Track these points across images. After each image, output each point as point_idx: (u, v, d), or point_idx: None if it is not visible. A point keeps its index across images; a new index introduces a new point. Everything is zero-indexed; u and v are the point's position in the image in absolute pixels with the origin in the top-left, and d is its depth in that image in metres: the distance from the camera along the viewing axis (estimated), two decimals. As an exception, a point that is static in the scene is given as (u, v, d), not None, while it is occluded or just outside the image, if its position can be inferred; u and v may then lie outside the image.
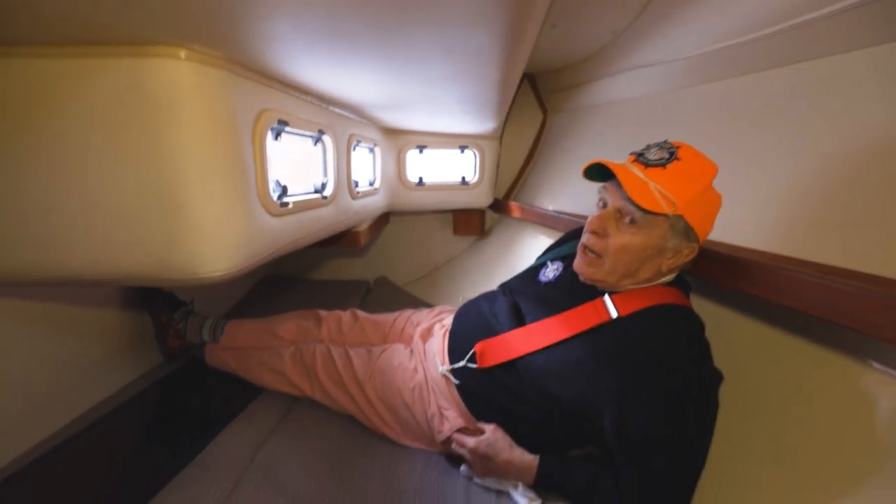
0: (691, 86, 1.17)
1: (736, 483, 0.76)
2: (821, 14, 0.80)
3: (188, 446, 0.94)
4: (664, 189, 0.70)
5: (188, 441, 0.97)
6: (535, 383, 0.83)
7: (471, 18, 0.55)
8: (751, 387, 0.80)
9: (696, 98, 1.16)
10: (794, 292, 0.67)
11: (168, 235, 0.64)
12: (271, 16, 0.54)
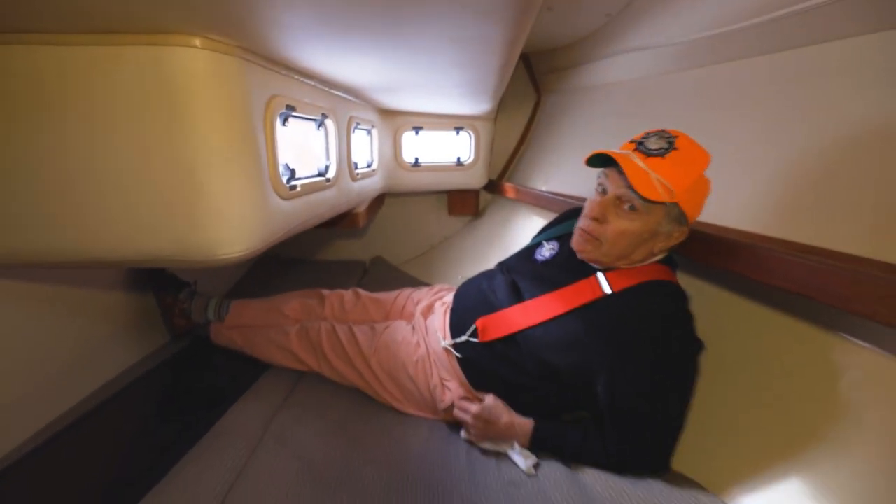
0: (680, 70, 1.21)
1: (714, 440, 0.84)
2: (801, 7, 0.84)
3: (199, 421, 0.98)
4: (664, 179, 0.75)
5: (198, 417, 1.02)
6: (534, 355, 0.89)
7: (479, 9, 0.58)
8: (731, 355, 0.87)
9: (684, 83, 1.20)
10: (772, 270, 0.73)
11: (189, 218, 0.67)
12: (283, 5, 0.56)
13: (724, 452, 0.83)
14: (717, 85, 1.11)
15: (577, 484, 0.81)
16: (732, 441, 0.83)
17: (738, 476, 0.79)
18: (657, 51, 1.27)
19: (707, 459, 0.83)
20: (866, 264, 0.71)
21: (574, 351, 0.83)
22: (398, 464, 0.89)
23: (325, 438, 0.96)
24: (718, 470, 0.81)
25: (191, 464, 0.86)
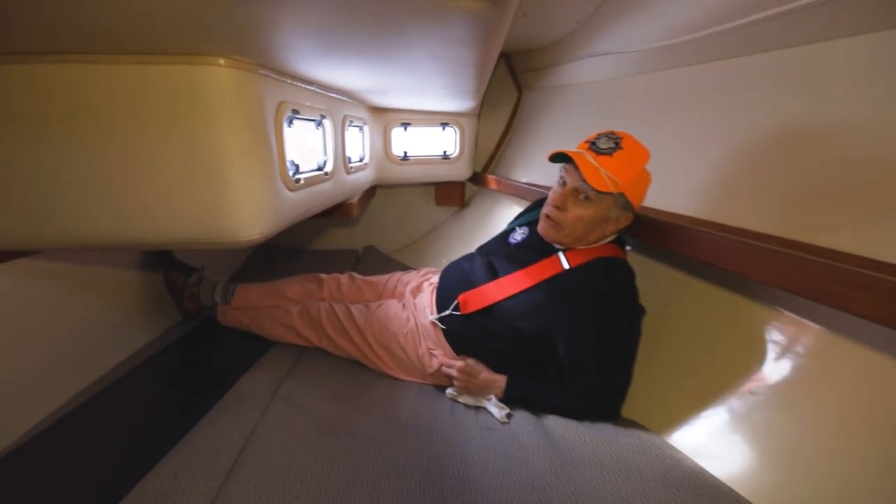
0: (638, 74, 1.37)
1: (655, 390, 1.01)
2: (736, 24, 0.99)
3: (212, 390, 1.10)
4: (611, 173, 0.91)
5: (211, 386, 1.14)
6: (507, 322, 1.05)
7: (454, 37, 0.72)
8: (670, 319, 1.04)
9: (641, 85, 1.36)
10: (699, 247, 0.90)
11: (216, 208, 0.80)
12: (293, 33, 0.70)
13: (663, 400, 1.00)
14: (668, 88, 1.26)
15: (541, 428, 0.97)
16: (669, 390, 1.00)
17: (673, 418, 0.95)
18: (619, 56, 1.42)
19: (650, 406, 1.00)
20: (774, 241, 0.88)
21: (539, 317, 0.99)
22: (392, 416, 1.04)
23: (327, 399, 1.11)
24: (658, 414, 0.98)
25: (210, 422, 1.00)
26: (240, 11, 0.56)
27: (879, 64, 0.80)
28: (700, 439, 0.89)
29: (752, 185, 0.98)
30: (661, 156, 1.12)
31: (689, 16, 1.07)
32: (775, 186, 0.93)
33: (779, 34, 0.97)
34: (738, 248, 0.82)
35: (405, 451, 0.92)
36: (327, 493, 0.79)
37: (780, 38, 0.97)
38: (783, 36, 0.97)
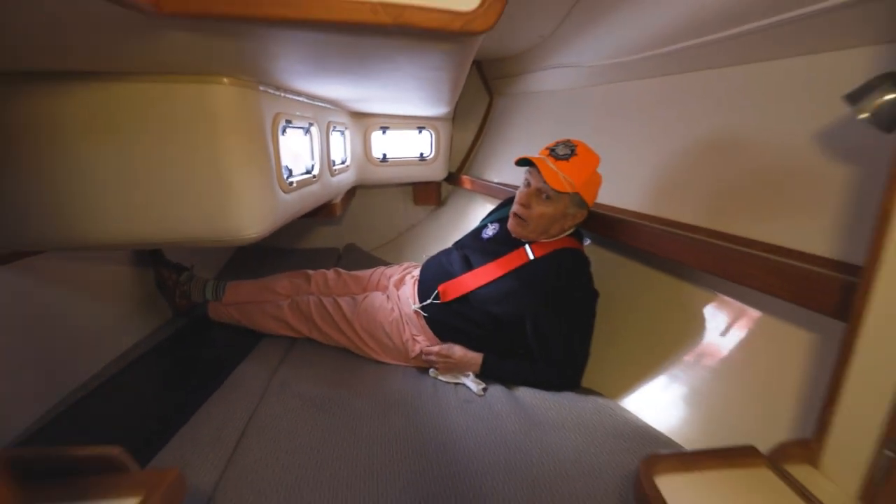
0: (594, 85, 1.53)
1: (609, 362, 1.17)
2: (676, 48, 1.16)
3: (207, 382, 1.17)
4: (568, 176, 1.06)
5: (206, 378, 1.21)
6: (481, 308, 1.19)
7: (430, 65, 0.85)
8: (620, 300, 1.20)
9: (597, 96, 1.52)
10: (641, 238, 1.06)
11: (222, 209, 0.90)
12: (289, 59, 0.81)
13: (616, 370, 1.16)
14: (619, 99, 1.43)
15: (512, 398, 1.12)
16: (622, 362, 1.16)
17: (624, 385, 1.12)
18: (578, 69, 1.58)
19: (605, 375, 1.16)
20: (702, 231, 1.05)
21: (509, 302, 1.14)
22: (380, 394, 1.16)
23: (321, 383, 1.21)
24: (612, 382, 1.14)
25: (213, 406, 1.09)
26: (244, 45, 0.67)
27: (783, 87, 0.97)
28: (645, 401, 1.05)
29: (686, 184, 1.15)
30: (613, 158, 1.29)
31: (635, 38, 1.24)
32: (704, 186, 1.10)
33: (709, 57, 1.14)
34: (669, 237, 0.99)
35: (394, 423, 1.04)
36: (328, 458, 0.91)
37: (710, 61, 1.14)
38: (713, 59, 1.14)
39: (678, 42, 1.14)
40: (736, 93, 1.07)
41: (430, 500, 0.81)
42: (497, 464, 0.90)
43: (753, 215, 0.97)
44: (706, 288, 1.04)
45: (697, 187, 1.11)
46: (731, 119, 1.08)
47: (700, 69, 1.17)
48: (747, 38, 0.95)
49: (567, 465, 0.88)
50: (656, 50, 1.19)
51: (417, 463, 0.91)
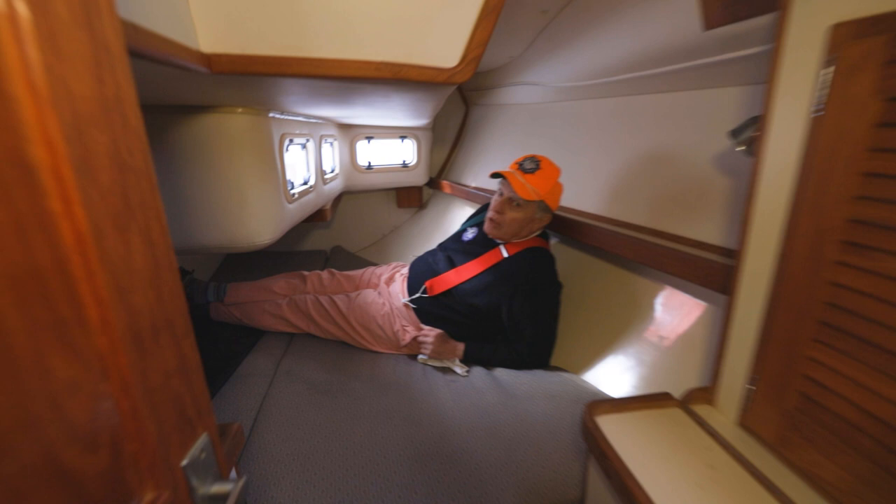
0: (557, 102, 1.73)
1: (573, 343, 1.37)
2: (622, 77, 1.36)
3: (213, 378, 1.30)
4: (534, 187, 1.25)
5: (211, 375, 1.32)
6: (464, 300, 1.37)
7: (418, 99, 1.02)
8: (581, 290, 1.41)
9: (560, 111, 1.72)
10: (595, 237, 1.26)
11: (238, 219, 1.05)
12: (297, 95, 0.97)
13: (579, 350, 1.36)
14: (578, 115, 1.63)
15: (491, 377, 1.30)
16: (583, 343, 1.36)
17: (585, 362, 1.32)
18: (542, 87, 1.77)
19: (570, 355, 1.36)
20: (646, 230, 1.25)
21: (487, 294, 1.32)
22: (376, 378, 1.32)
23: (321, 370, 1.37)
24: (576, 360, 1.34)
25: (226, 394, 1.23)
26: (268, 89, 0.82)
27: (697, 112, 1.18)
28: (600, 372, 1.25)
29: (633, 190, 1.36)
30: (574, 166, 1.50)
31: (588, 67, 1.44)
32: (646, 192, 1.31)
33: (649, 85, 1.35)
34: (614, 236, 1.19)
35: (390, 400, 1.21)
36: (335, 432, 1.06)
37: (650, 87, 1.35)
38: (651, 86, 1.35)
39: (622, 73, 1.35)
40: (668, 114, 1.28)
41: (423, 458, 0.98)
42: (479, 428, 1.08)
43: (680, 216, 1.18)
44: (645, 276, 1.25)
45: (641, 193, 1.32)
46: (665, 136, 1.30)
47: (644, 93, 1.37)
48: (673, 75, 1.16)
49: (536, 427, 1.07)
50: (606, 78, 1.40)
51: (411, 430, 1.08)
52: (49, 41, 0.22)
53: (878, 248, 0.48)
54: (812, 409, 0.56)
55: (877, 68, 0.46)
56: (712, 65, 0.98)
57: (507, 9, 0.77)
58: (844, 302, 0.51)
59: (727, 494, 0.59)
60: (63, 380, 0.23)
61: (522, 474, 0.95)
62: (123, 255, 0.27)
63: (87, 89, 0.24)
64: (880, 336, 0.48)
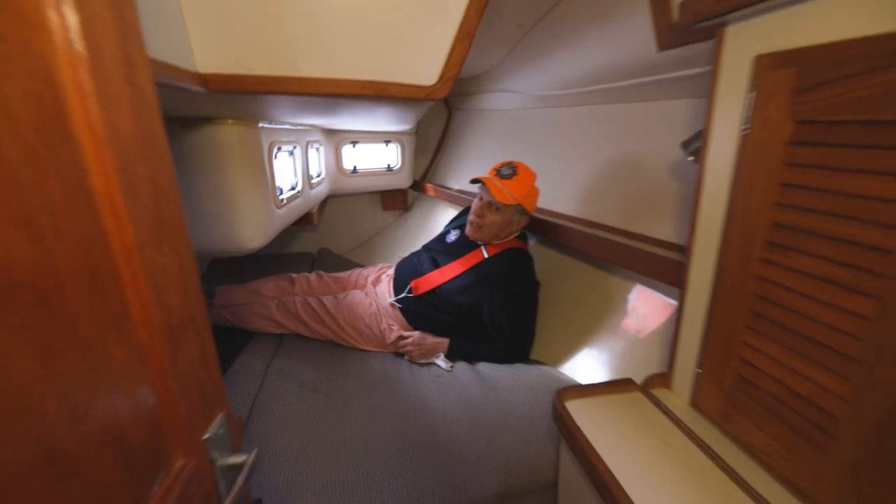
0: (535, 108, 1.82)
1: (551, 337, 1.45)
2: (597, 88, 1.45)
3: None
4: (511, 191, 1.32)
5: None
6: (447, 299, 1.43)
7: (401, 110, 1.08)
8: (558, 288, 1.49)
9: (538, 117, 1.81)
10: (569, 237, 1.34)
11: (231, 225, 1.10)
12: (286, 108, 1.02)
13: (557, 344, 1.44)
14: (555, 121, 1.72)
15: (475, 371, 1.37)
16: (560, 337, 1.44)
17: (562, 355, 1.40)
18: (521, 94, 1.86)
19: (548, 349, 1.44)
20: (618, 231, 1.34)
21: (469, 293, 1.39)
22: (365, 374, 1.38)
23: (311, 369, 1.42)
24: (553, 353, 1.42)
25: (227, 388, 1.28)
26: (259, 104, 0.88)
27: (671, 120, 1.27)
28: (576, 364, 1.34)
29: (606, 193, 1.44)
30: (552, 170, 1.58)
31: (561, 78, 1.53)
32: (618, 194, 1.40)
33: (619, 95, 1.44)
34: (587, 237, 1.28)
35: (379, 396, 1.27)
36: (326, 427, 1.12)
37: (621, 97, 1.44)
38: (622, 96, 1.44)
39: (592, 85, 1.44)
40: (636, 122, 1.37)
41: (410, 448, 1.04)
42: (463, 418, 1.15)
43: (647, 217, 1.27)
44: (616, 274, 1.34)
45: (613, 195, 1.41)
46: (634, 142, 1.39)
47: (614, 102, 1.47)
48: (639, 87, 1.25)
49: (516, 417, 1.15)
50: (578, 88, 1.49)
51: (399, 422, 1.14)
52: (104, 97, 0.28)
53: (794, 248, 0.56)
54: (746, 387, 0.64)
55: (788, 95, 0.54)
56: (672, 79, 1.07)
57: (485, 22, 0.83)
58: (770, 294, 0.60)
59: (676, 465, 0.67)
60: (117, 362, 0.29)
61: (502, 459, 1.03)
62: (159, 262, 0.33)
63: (131, 130, 0.31)
64: (798, 323, 0.56)
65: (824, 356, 0.53)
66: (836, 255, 0.51)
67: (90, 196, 0.28)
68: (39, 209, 0.24)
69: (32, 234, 0.23)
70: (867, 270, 0.48)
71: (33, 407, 0.23)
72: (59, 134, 0.26)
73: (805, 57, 0.53)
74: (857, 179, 0.48)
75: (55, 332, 0.25)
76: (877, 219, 0.47)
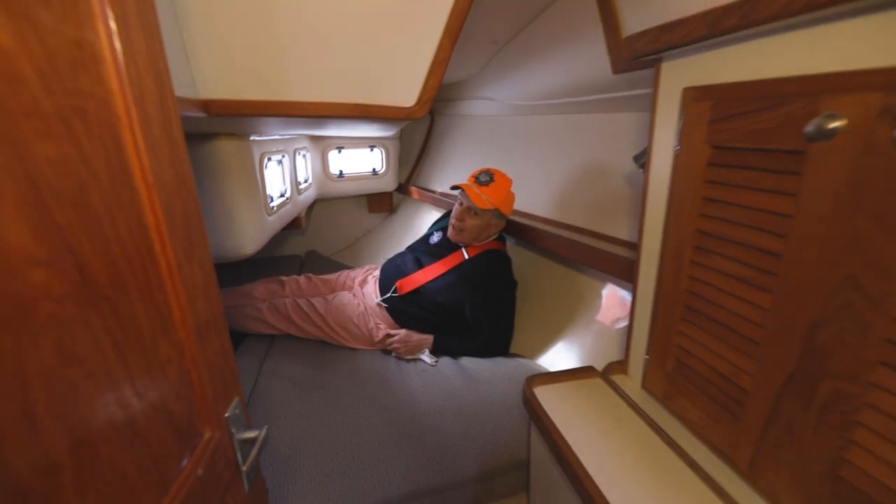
0: (513, 115, 1.92)
1: (528, 332, 1.55)
2: (561, 101, 1.56)
3: None
4: (489, 197, 1.42)
5: None
6: (430, 298, 1.53)
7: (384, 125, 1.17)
8: (534, 286, 1.60)
9: (515, 124, 1.91)
10: (542, 239, 1.45)
11: (226, 234, 1.17)
12: (276, 125, 1.10)
13: (533, 338, 1.55)
14: (531, 128, 1.83)
15: (458, 365, 1.47)
16: (537, 332, 1.55)
17: (538, 348, 1.51)
18: (498, 102, 1.96)
19: (525, 343, 1.55)
20: (586, 232, 1.45)
21: (451, 292, 1.49)
22: (354, 372, 1.47)
23: (303, 368, 1.50)
24: (531, 347, 1.53)
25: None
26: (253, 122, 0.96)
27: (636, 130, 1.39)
28: (553, 357, 1.45)
29: (576, 197, 1.56)
30: (529, 174, 1.69)
31: (534, 90, 1.63)
32: (587, 198, 1.52)
33: (587, 106, 1.55)
34: (557, 238, 1.39)
35: (368, 391, 1.36)
36: (320, 424, 1.20)
37: (589, 108, 1.56)
38: (590, 107, 1.55)
39: (561, 98, 1.55)
40: (603, 131, 1.49)
41: (399, 437, 1.14)
42: (447, 409, 1.25)
43: (611, 219, 1.39)
44: (586, 273, 1.45)
45: (583, 199, 1.52)
46: (602, 150, 1.50)
47: (584, 112, 1.58)
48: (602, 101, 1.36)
49: (495, 405, 1.25)
50: (548, 100, 1.59)
51: (387, 414, 1.24)
52: (152, 152, 0.37)
53: (714, 252, 0.67)
54: (682, 370, 0.76)
55: (706, 124, 0.65)
56: (630, 96, 1.18)
57: (462, 38, 0.91)
58: (697, 290, 0.71)
59: (626, 438, 0.78)
60: (165, 354, 0.38)
61: (482, 443, 1.13)
62: (190, 276, 0.41)
63: (170, 175, 0.39)
64: (718, 314, 0.68)
65: (737, 341, 0.64)
66: (744, 257, 0.62)
67: (145, 230, 0.36)
68: (114, 242, 0.33)
69: (109, 260, 0.32)
70: (766, 270, 0.59)
71: (115, 387, 0.32)
72: (124, 182, 0.34)
73: (719, 93, 0.64)
74: (756, 196, 0.59)
75: (125, 332, 0.33)
76: (771, 228, 0.58)
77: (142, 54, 0.36)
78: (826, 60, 0.50)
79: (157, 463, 0.37)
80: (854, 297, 0.48)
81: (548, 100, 1.61)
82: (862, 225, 0.46)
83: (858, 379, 0.49)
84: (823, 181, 0.50)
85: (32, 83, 0.26)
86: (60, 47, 0.28)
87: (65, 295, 0.27)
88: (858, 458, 0.50)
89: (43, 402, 0.25)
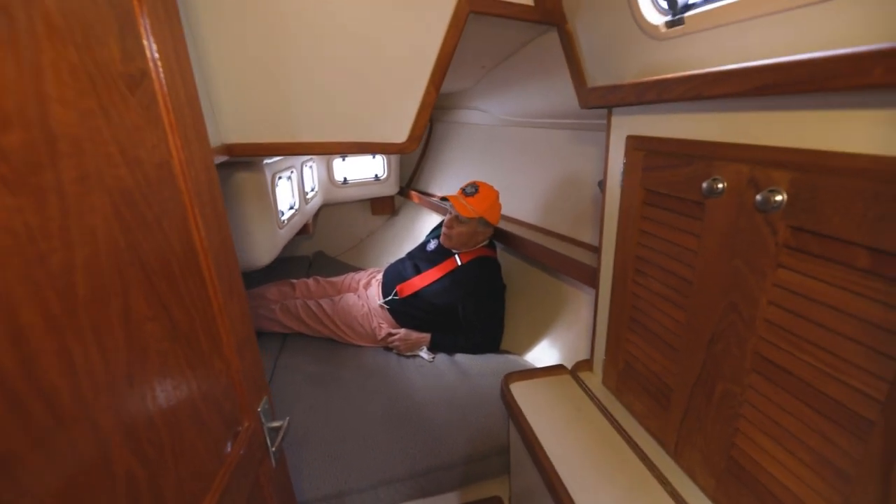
0: (504, 126, 2.05)
1: (516, 330, 1.71)
2: (546, 121, 1.68)
3: None
4: (473, 207, 1.57)
5: None
6: (428, 300, 1.69)
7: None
8: (520, 289, 1.75)
9: (506, 133, 2.05)
10: (525, 247, 1.59)
11: (244, 249, 1.33)
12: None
13: (521, 336, 1.70)
14: (521, 139, 1.96)
15: (453, 361, 1.63)
16: (523, 331, 1.70)
17: (525, 345, 1.66)
18: (490, 113, 2.09)
19: (514, 341, 1.71)
20: (567, 238, 1.59)
21: (446, 295, 1.65)
22: (359, 367, 1.64)
23: (314, 364, 1.67)
24: (519, 344, 1.69)
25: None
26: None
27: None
28: (539, 353, 1.60)
29: (559, 205, 1.69)
30: (517, 184, 1.82)
31: (519, 108, 1.76)
32: (567, 207, 1.65)
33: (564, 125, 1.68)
34: (537, 246, 1.53)
35: (372, 384, 1.53)
36: (331, 412, 1.37)
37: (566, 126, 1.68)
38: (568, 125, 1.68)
39: (543, 118, 1.68)
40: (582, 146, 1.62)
41: (399, 424, 1.30)
42: (442, 400, 1.41)
43: (586, 228, 1.52)
44: (565, 278, 1.60)
45: (565, 207, 1.66)
46: (581, 162, 1.63)
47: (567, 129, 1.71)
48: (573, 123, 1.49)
49: (484, 397, 1.41)
50: (531, 118, 1.72)
51: (389, 404, 1.40)
52: (205, 222, 0.52)
53: (647, 274, 0.81)
54: (629, 370, 0.90)
55: (641, 169, 0.79)
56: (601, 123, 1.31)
57: (455, 62, 1.03)
58: (638, 304, 0.85)
59: (584, 426, 0.93)
60: (217, 367, 0.54)
61: (472, 430, 1.29)
62: (231, 307, 0.57)
63: (217, 239, 0.55)
64: (652, 325, 0.82)
65: (664, 347, 0.79)
66: (667, 280, 0.76)
67: (204, 283, 0.52)
68: (187, 297, 0.48)
69: (185, 310, 0.48)
70: (681, 292, 0.73)
71: (190, 392, 0.48)
72: (190, 249, 0.50)
73: (649, 144, 0.78)
74: (674, 233, 0.73)
75: (195, 356, 0.49)
76: (684, 260, 0.72)
77: (190, 133, 0.52)
78: (715, 132, 0.64)
79: (217, 443, 0.52)
80: (735, 318, 0.62)
81: (530, 118, 1.74)
82: (738, 265, 0.60)
83: (740, 381, 0.63)
84: (714, 228, 0.64)
85: (139, 201, 0.42)
86: (150, 169, 0.44)
87: (164, 337, 0.43)
88: (741, 442, 0.65)
89: (153, 402, 0.41)
